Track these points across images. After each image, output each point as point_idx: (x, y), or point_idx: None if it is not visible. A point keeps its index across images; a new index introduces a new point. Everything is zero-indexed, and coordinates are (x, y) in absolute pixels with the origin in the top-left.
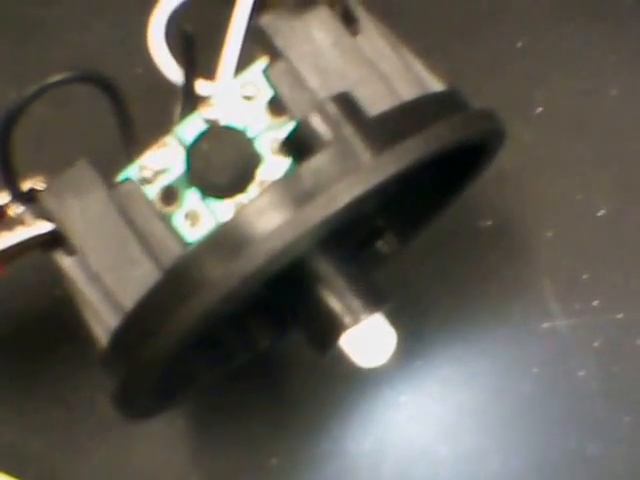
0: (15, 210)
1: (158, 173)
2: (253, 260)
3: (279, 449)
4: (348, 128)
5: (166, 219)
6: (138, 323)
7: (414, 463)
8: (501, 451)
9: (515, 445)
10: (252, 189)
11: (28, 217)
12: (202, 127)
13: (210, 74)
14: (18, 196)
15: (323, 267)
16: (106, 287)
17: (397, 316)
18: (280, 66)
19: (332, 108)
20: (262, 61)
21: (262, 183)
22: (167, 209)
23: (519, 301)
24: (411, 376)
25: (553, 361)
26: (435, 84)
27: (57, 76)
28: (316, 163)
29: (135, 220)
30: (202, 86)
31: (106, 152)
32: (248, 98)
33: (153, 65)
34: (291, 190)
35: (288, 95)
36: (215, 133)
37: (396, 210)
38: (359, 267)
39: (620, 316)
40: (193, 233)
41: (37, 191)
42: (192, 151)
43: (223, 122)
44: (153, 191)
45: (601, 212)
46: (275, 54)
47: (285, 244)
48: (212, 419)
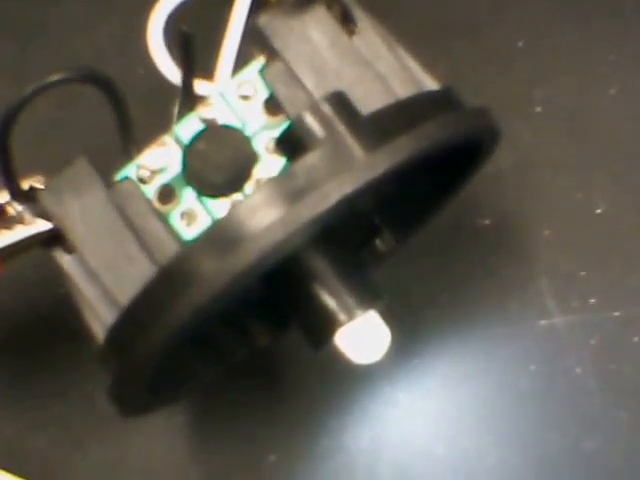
0: (15, 209)
1: (156, 172)
2: (244, 257)
3: (277, 446)
4: (341, 126)
5: (163, 218)
6: (132, 319)
7: (412, 460)
8: (499, 448)
9: (513, 442)
10: (248, 188)
11: (27, 216)
12: (199, 126)
13: (208, 74)
14: (17, 195)
15: (318, 264)
16: (104, 284)
17: (395, 314)
18: (277, 66)
19: (326, 107)
20: (259, 61)
21: (258, 182)
22: (164, 208)
23: (517, 299)
24: (409, 374)
25: (550, 358)
26: (431, 84)
27: (56, 75)
28: (309, 161)
29: (133, 219)
30: (200, 86)
31: (105, 151)
32: (245, 98)
33: (154, 66)
34: (284, 188)
35: (284, 94)
36: (212, 132)
37: (393, 208)
38: (354, 264)
39: (617, 314)
40: (190, 231)
41: (36, 190)
42: (189, 150)
43: (220, 121)
44: (151, 190)
45: (599, 210)
46: (272, 54)
47: (276, 242)
48: (211, 416)
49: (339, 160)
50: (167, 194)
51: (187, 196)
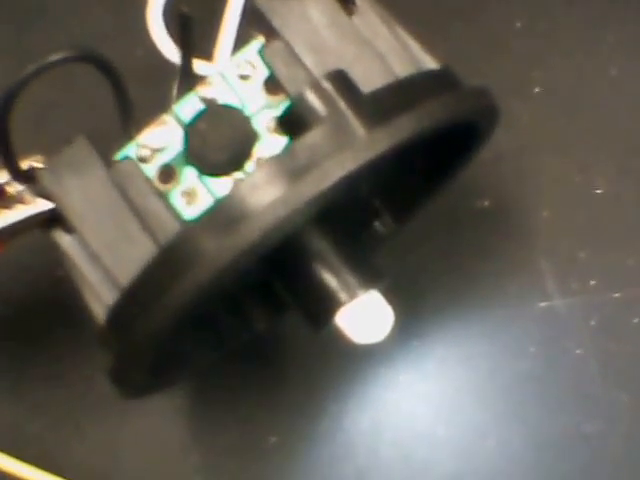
0: (14, 189)
1: (156, 151)
2: (246, 236)
3: (278, 428)
4: (342, 104)
5: (164, 197)
6: (133, 299)
7: (412, 442)
8: (499, 430)
9: (513, 424)
10: (249, 167)
11: (27, 196)
12: (199, 106)
13: (207, 54)
14: (17, 175)
15: (319, 243)
16: (104, 265)
17: (394, 296)
18: (276, 45)
19: (327, 85)
20: (258, 40)
21: (259, 161)
22: (165, 187)
23: (516, 281)
24: (409, 356)
25: (550, 340)
26: (430, 63)
27: (55, 55)
28: (310, 139)
29: (133, 198)
30: (200, 66)
31: (104, 131)
32: (245, 77)
33: (154, 46)
34: (285, 166)
35: (284, 74)
36: (212, 112)
37: (392, 190)
38: (356, 245)
39: (617, 295)
40: (190, 211)
41: (36, 170)
42: (190, 129)
43: (220, 101)
44: (151, 169)
45: (598, 191)
46: (271, 33)
47: (278, 220)
48: (212, 398)
49: (341, 138)
50: (168, 173)
51: (187, 175)
